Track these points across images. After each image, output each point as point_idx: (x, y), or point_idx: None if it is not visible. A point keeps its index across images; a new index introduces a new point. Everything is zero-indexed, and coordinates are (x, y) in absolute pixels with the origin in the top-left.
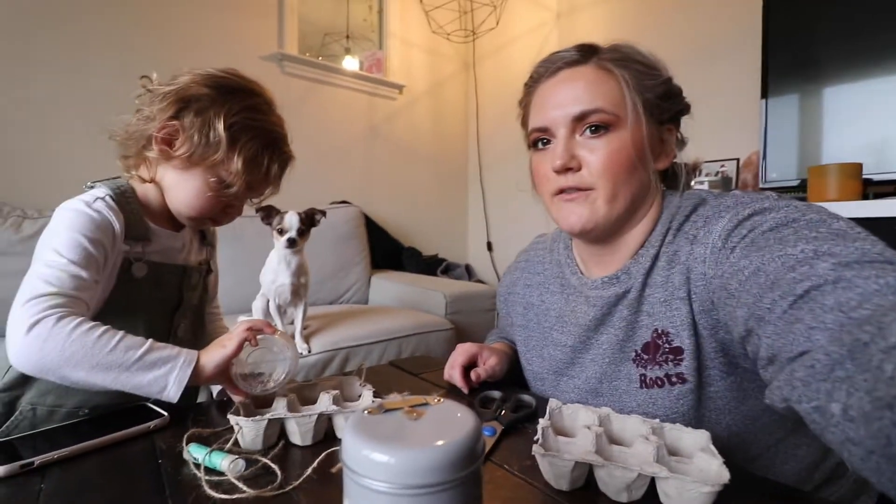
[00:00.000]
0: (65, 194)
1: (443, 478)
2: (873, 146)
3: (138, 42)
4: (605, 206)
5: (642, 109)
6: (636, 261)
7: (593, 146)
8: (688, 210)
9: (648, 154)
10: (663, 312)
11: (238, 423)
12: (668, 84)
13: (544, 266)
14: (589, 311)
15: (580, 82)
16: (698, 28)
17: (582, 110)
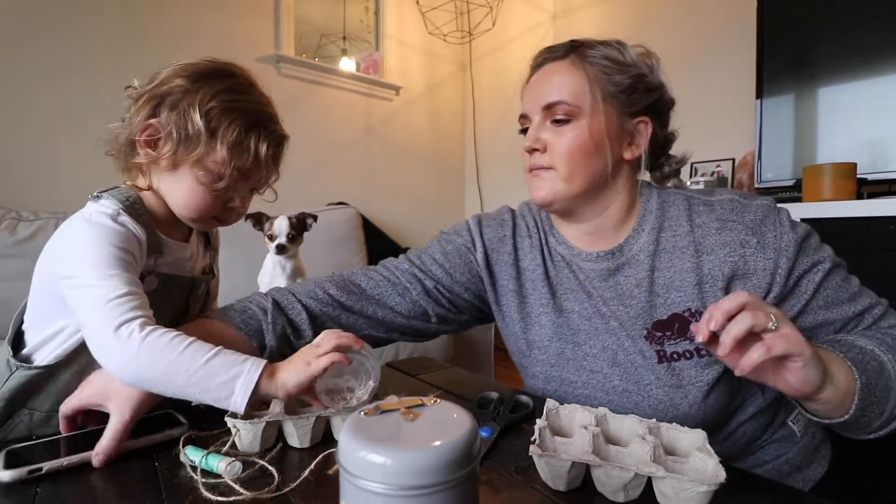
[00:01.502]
0: (60, 197)
1: (439, 479)
2: (867, 146)
3: (134, 44)
4: (562, 183)
5: (603, 103)
6: (629, 242)
7: (557, 132)
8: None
9: (606, 142)
10: (695, 294)
11: (236, 425)
12: (637, 79)
13: (531, 233)
14: (590, 283)
15: (554, 76)
16: (693, 29)
17: (548, 102)
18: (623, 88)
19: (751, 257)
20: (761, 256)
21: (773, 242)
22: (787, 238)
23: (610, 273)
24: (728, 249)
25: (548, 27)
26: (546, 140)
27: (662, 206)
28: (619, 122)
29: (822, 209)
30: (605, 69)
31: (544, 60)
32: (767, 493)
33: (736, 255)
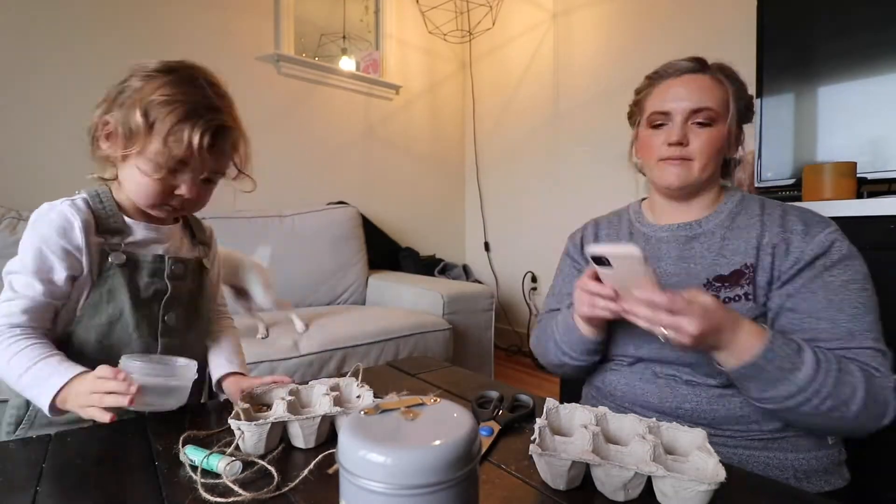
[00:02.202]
0: (59, 196)
1: (439, 478)
2: (868, 145)
3: (134, 43)
4: (698, 172)
5: (734, 112)
6: (708, 219)
7: (699, 132)
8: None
9: (727, 143)
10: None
11: (240, 427)
12: (750, 98)
13: (612, 224)
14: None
15: (700, 86)
16: (693, 28)
17: (698, 106)
18: (746, 104)
19: (793, 239)
20: (800, 241)
21: (814, 235)
22: (825, 235)
23: (687, 240)
24: (782, 229)
25: (548, 26)
26: (689, 137)
27: (743, 200)
28: (737, 128)
29: (822, 208)
30: (737, 87)
31: (684, 70)
32: (771, 493)
33: (786, 233)
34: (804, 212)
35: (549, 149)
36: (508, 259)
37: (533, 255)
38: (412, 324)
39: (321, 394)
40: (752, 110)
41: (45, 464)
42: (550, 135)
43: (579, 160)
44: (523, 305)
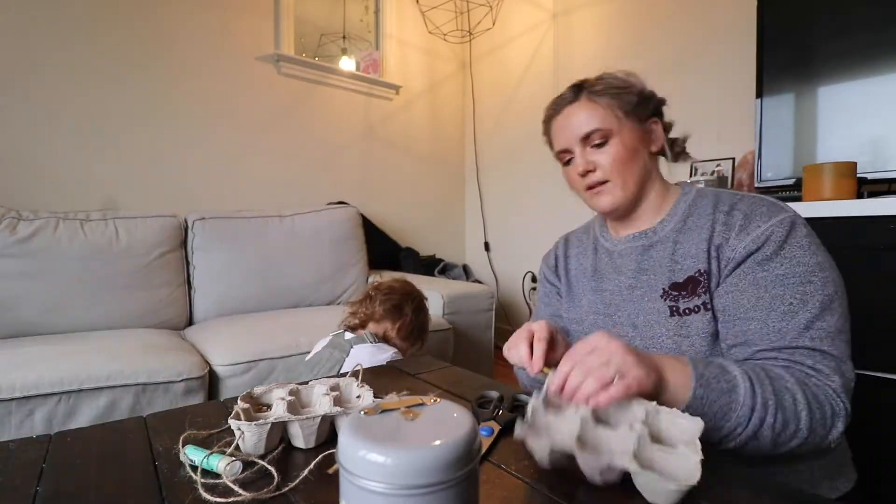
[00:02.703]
0: (60, 197)
1: (439, 478)
2: (868, 145)
3: (134, 42)
4: (620, 191)
5: (624, 119)
6: (663, 224)
7: (600, 153)
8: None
9: (639, 146)
10: (704, 258)
11: (240, 427)
12: (639, 94)
13: (581, 241)
14: (623, 261)
15: (579, 114)
16: (693, 28)
17: (585, 132)
18: (633, 105)
19: (730, 236)
20: (735, 238)
21: (751, 230)
22: (763, 230)
23: (644, 249)
24: (725, 227)
25: (548, 26)
26: (594, 161)
27: (696, 198)
28: (641, 127)
29: (822, 208)
30: (613, 96)
31: (560, 106)
32: (770, 493)
33: (728, 231)
34: (754, 203)
35: (548, 148)
36: (508, 259)
37: (533, 255)
38: None
39: (321, 394)
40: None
41: (44, 464)
42: None
43: None
44: (523, 305)
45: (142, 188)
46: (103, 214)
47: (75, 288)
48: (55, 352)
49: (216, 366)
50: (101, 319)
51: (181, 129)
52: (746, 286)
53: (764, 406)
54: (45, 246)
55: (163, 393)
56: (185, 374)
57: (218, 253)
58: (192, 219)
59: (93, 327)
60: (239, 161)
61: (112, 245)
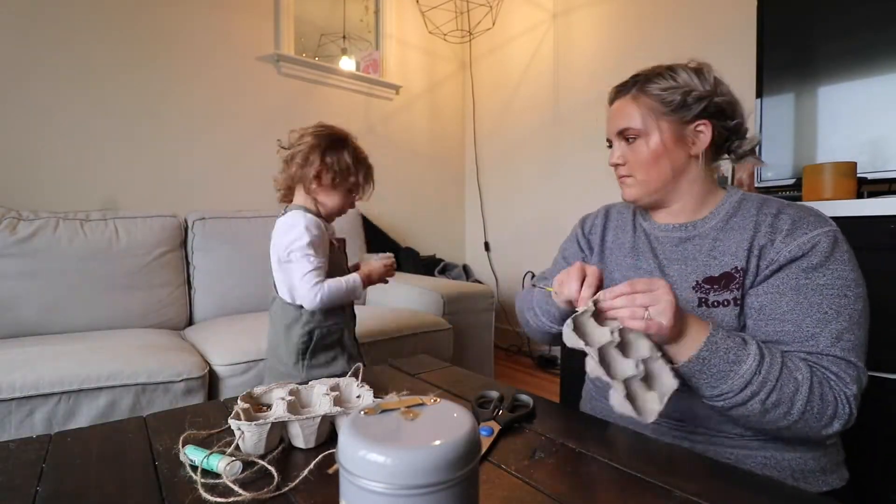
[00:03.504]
0: (60, 197)
1: (439, 478)
2: (868, 145)
3: (134, 42)
4: (640, 187)
5: (659, 121)
6: (704, 221)
7: (630, 150)
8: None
9: (672, 148)
10: (744, 257)
11: (240, 427)
12: (685, 95)
13: (622, 215)
14: (660, 247)
15: (619, 110)
16: (693, 27)
17: (620, 128)
18: (674, 107)
19: (776, 238)
20: (780, 241)
21: (798, 236)
22: (809, 237)
23: (681, 241)
24: (770, 229)
25: (548, 26)
26: (624, 155)
27: (742, 201)
28: (678, 131)
29: (822, 208)
30: (656, 96)
31: (616, 97)
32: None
33: (773, 233)
34: (801, 210)
35: (549, 149)
36: (508, 259)
37: (533, 255)
38: (412, 324)
39: (321, 394)
40: (699, 101)
41: (45, 464)
42: (550, 135)
43: (579, 160)
44: None
45: (142, 188)
46: (103, 214)
47: (75, 288)
48: (55, 352)
49: (216, 366)
50: (101, 319)
51: (181, 129)
52: (787, 290)
53: (762, 384)
54: (45, 246)
55: (163, 393)
56: (185, 374)
57: (218, 253)
58: (192, 219)
59: (93, 327)
60: (239, 161)
61: (112, 245)
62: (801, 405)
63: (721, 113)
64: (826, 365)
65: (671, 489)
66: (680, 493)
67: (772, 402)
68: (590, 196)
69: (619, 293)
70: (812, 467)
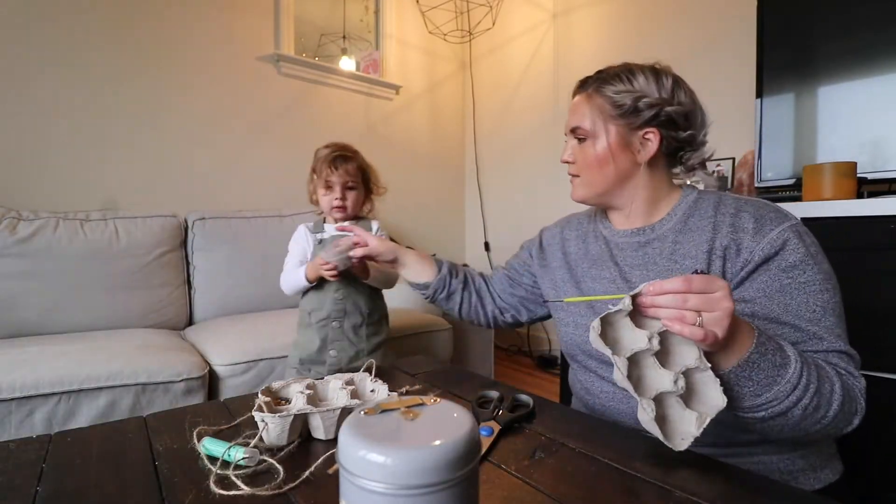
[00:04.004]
0: (60, 197)
1: (439, 478)
2: (868, 145)
3: (134, 43)
4: (584, 188)
5: (606, 125)
6: (661, 223)
7: (579, 149)
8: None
9: (618, 152)
10: (704, 259)
11: (264, 419)
12: (636, 100)
13: (582, 225)
14: (620, 253)
15: (576, 106)
16: (693, 28)
17: (572, 126)
18: (624, 111)
19: (743, 239)
20: (750, 241)
21: (765, 233)
22: (777, 233)
23: (640, 245)
24: (732, 229)
25: (548, 26)
26: (574, 154)
27: (697, 200)
28: (626, 136)
29: (821, 208)
30: (608, 98)
31: (577, 91)
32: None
33: (737, 233)
34: (759, 207)
35: (549, 149)
36: None
37: None
38: (412, 323)
39: (337, 388)
40: (653, 107)
41: (45, 464)
42: (550, 135)
43: None
44: None
45: (142, 188)
46: (103, 214)
47: (75, 288)
48: (55, 352)
49: (216, 366)
50: (101, 319)
51: (181, 129)
52: (773, 292)
53: (805, 387)
54: (45, 246)
55: (163, 393)
56: (185, 374)
57: (218, 253)
58: (192, 219)
59: (93, 327)
60: (239, 161)
61: (112, 245)
62: (836, 406)
63: (671, 122)
64: (836, 362)
65: (671, 489)
66: (680, 493)
67: (813, 406)
68: None
69: (667, 289)
70: (801, 466)
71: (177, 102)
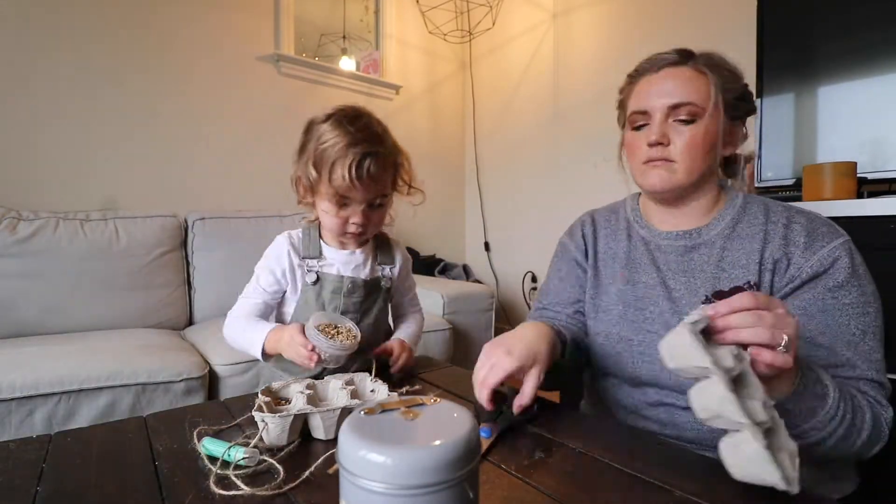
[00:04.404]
0: (60, 197)
1: (439, 478)
2: (868, 145)
3: (134, 42)
4: (683, 175)
5: (722, 107)
6: (709, 227)
7: (681, 130)
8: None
9: (719, 142)
10: (755, 271)
11: (264, 419)
12: (744, 89)
13: (610, 222)
14: (662, 256)
15: (679, 79)
16: (693, 27)
17: (678, 101)
18: (736, 96)
19: (794, 253)
20: (800, 257)
21: (816, 250)
22: (829, 250)
23: (686, 250)
24: (784, 242)
25: (548, 26)
26: (670, 136)
27: (745, 204)
28: (727, 124)
29: (821, 208)
30: (725, 78)
31: (662, 64)
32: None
33: (789, 247)
34: (811, 219)
35: (549, 149)
36: (508, 259)
37: (533, 255)
38: None
39: (337, 388)
40: (749, 102)
41: (45, 464)
42: (550, 135)
43: (579, 160)
44: (523, 305)
45: (142, 188)
46: (103, 214)
47: (75, 288)
48: (55, 352)
49: (216, 366)
50: (101, 319)
51: (181, 129)
52: (815, 312)
53: (841, 419)
54: (45, 246)
55: (163, 393)
56: (185, 374)
57: (218, 253)
58: (192, 219)
59: (93, 327)
60: (239, 161)
61: (112, 245)
62: (865, 435)
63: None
64: (866, 390)
65: (671, 489)
66: (680, 493)
67: (843, 436)
68: (589, 195)
69: (739, 307)
70: (823, 478)
71: (177, 102)
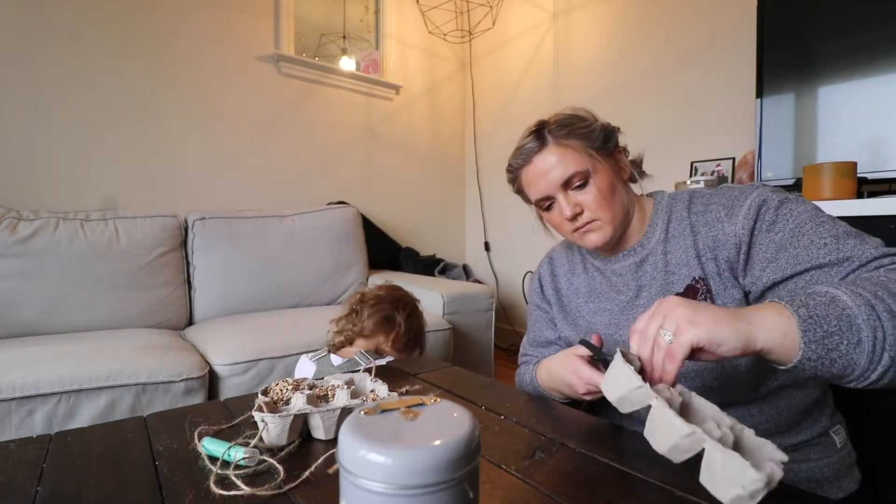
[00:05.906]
0: (60, 197)
1: (440, 478)
2: (868, 145)
3: (134, 42)
4: (610, 227)
5: (596, 156)
6: (647, 237)
7: (584, 193)
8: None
9: (614, 179)
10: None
11: (264, 419)
12: (602, 128)
13: (565, 259)
14: (621, 280)
15: (552, 159)
16: (693, 28)
17: (565, 177)
18: (599, 139)
19: (722, 229)
20: (729, 226)
21: (737, 212)
22: (748, 204)
23: (637, 266)
24: (709, 227)
25: (548, 26)
26: (580, 203)
27: (670, 204)
28: (611, 160)
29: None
30: (583, 134)
31: (530, 155)
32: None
33: (715, 229)
34: (725, 193)
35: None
36: (508, 259)
37: (533, 255)
38: None
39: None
40: (612, 132)
41: (45, 464)
42: None
43: None
44: (523, 305)
45: (142, 188)
46: (103, 214)
47: (75, 288)
48: (55, 352)
49: (216, 365)
50: (101, 319)
51: (181, 129)
52: (774, 253)
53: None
54: (45, 246)
55: (163, 393)
56: (185, 374)
57: (218, 253)
58: (192, 219)
59: (93, 327)
60: (239, 161)
61: (112, 245)
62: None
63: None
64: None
65: (671, 489)
66: (680, 494)
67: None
68: None
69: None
70: (827, 475)
71: (177, 102)
